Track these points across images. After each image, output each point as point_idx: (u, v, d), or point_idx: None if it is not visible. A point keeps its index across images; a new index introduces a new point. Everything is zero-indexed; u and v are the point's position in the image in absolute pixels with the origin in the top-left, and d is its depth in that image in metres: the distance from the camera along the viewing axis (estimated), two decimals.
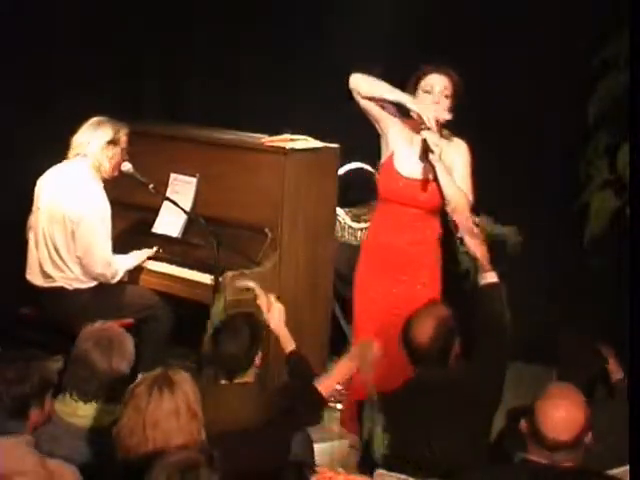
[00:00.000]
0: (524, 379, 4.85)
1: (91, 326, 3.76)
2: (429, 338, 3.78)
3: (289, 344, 4.12)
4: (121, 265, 5.18)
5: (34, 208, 5.23)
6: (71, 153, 5.17)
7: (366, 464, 3.85)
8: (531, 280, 6.33)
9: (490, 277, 4.06)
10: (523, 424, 3.20)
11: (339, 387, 5.46)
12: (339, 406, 5.61)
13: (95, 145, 5.10)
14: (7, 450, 3.18)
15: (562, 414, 3.13)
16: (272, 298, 4.19)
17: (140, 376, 3.33)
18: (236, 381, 3.78)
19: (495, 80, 6.26)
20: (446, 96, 4.73)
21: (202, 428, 3.10)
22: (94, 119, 5.17)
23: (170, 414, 3.02)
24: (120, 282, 5.22)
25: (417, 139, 4.67)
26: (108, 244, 5.10)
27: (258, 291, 4.22)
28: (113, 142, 5.12)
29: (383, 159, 4.83)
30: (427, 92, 4.71)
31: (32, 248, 5.21)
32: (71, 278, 5.12)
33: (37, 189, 5.23)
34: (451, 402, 3.72)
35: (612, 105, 5.47)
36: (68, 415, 3.58)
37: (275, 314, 4.14)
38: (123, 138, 5.16)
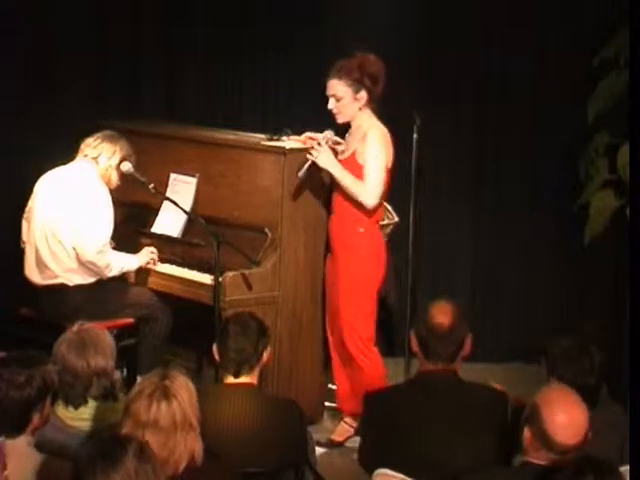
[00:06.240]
0: (524, 379, 4.85)
1: (65, 332, 3.75)
2: (448, 318, 3.67)
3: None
4: (117, 261, 5.15)
5: (30, 202, 5.23)
6: (79, 155, 5.21)
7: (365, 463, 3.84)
8: (531, 280, 6.34)
9: None
10: (527, 433, 3.16)
11: (333, 387, 5.47)
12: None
13: (107, 155, 5.17)
14: (10, 451, 3.18)
15: (570, 418, 3.10)
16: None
17: (139, 378, 3.33)
18: (239, 381, 3.78)
19: (495, 80, 6.27)
20: (333, 95, 5.03)
21: (198, 436, 3.11)
22: (109, 132, 5.24)
23: (169, 429, 3.04)
24: (119, 281, 5.22)
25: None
26: (104, 233, 5.08)
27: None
28: (125, 158, 5.19)
29: None
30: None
31: (30, 241, 5.21)
32: (68, 269, 5.11)
33: (37, 184, 5.23)
34: (453, 403, 3.67)
35: (612, 105, 5.47)
36: (72, 419, 3.60)
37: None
38: (133, 158, 5.22)
